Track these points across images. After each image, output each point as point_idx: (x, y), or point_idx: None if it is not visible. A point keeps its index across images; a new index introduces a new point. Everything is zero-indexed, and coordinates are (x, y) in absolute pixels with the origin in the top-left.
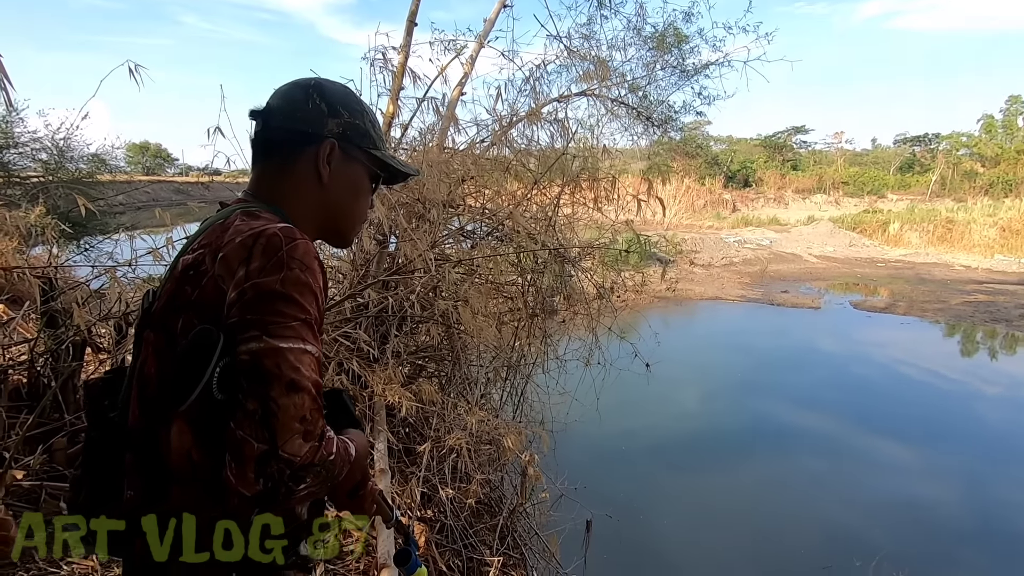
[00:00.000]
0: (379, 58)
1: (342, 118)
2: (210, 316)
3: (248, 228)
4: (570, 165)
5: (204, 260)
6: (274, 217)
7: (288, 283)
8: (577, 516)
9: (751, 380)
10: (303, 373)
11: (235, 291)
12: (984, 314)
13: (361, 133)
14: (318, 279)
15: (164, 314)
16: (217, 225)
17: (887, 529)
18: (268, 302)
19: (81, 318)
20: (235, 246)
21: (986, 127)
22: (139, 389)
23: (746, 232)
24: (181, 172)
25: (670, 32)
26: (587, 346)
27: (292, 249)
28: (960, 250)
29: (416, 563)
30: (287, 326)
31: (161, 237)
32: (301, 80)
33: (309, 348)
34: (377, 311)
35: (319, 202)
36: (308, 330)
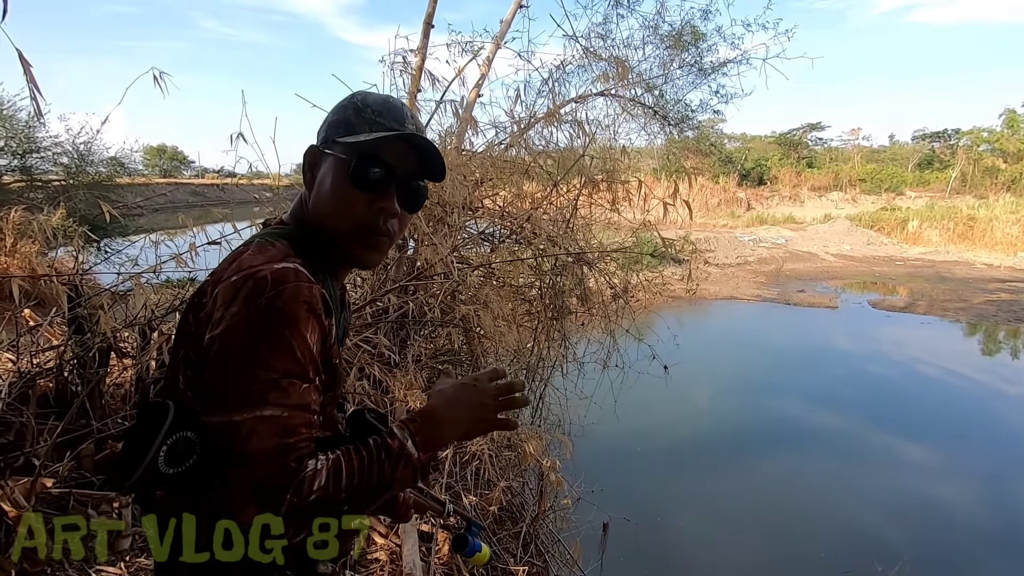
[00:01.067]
0: (398, 61)
1: (327, 121)
2: (200, 352)
3: (248, 265)
4: (589, 166)
5: (207, 291)
6: (282, 251)
7: (257, 338)
8: (594, 519)
9: (768, 380)
10: (253, 445)
11: (209, 338)
12: (1008, 313)
13: (336, 125)
14: (300, 326)
15: (177, 334)
16: (236, 252)
17: (909, 533)
18: (229, 367)
19: (107, 324)
20: (228, 285)
21: (1008, 122)
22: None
23: (761, 231)
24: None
25: (687, 30)
26: (605, 348)
27: (275, 296)
28: (982, 248)
29: (475, 546)
30: (246, 392)
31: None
32: None
33: (267, 412)
34: (397, 316)
35: (310, 216)
36: (272, 390)
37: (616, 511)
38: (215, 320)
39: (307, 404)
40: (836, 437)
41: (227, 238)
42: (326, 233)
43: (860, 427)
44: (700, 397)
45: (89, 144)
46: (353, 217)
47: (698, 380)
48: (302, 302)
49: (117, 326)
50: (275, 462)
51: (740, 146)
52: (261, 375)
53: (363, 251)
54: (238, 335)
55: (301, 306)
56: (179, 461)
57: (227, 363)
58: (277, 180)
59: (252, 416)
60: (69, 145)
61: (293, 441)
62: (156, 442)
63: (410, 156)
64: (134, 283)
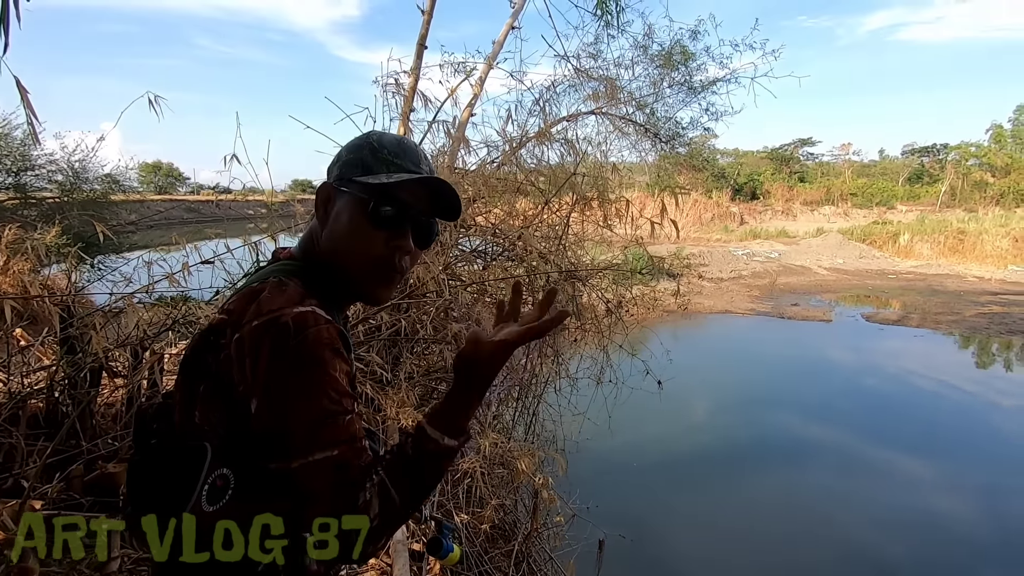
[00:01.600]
0: (391, 83)
1: (341, 160)
2: (223, 393)
3: (267, 309)
4: (580, 184)
5: (225, 332)
6: (297, 291)
7: (292, 387)
8: (590, 536)
9: (763, 394)
10: (313, 487)
11: (243, 390)
12: (999, 326)
13: (353, 165)
14: (328, 367)
15: (187, 368)
16: (250, 291)
17: (907, 547)
18: (273, 418)
19: (99, 344)
20: (250, 331)
21: (995, 137)
22: (167, 430)
23: (754, 245)
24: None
25: (677, 50)
26: (598, 364)
27: (300, 344)
28: (972, 261)
29: (448, 547)
30: (295, 440)
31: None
32: None
33: (318, 456)
34: (390, 334)
35: (323, 252)
36: (319, 432)
37: (612, 528)
38: (246, 372)
39: (354, 435)
40: (832, 451)
41: (220, 257)
42: (340, 269)
43: (856, 441)
44: (696, 412)
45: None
46: (370, 255)
47: (693, 394)
48: (324, 345)
49: (109, 346)
50: (334, 502)
51: (732, 161)
52: (305, 420)
53: (377, 287)
54: (275, 386)
55: (325, 349)
56: (218, 498)
57: (271, 415)
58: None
59: (306, 461)
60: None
61: (347, 476)
62: (198, 485)
63: (425, 196)
64: (126, 303)
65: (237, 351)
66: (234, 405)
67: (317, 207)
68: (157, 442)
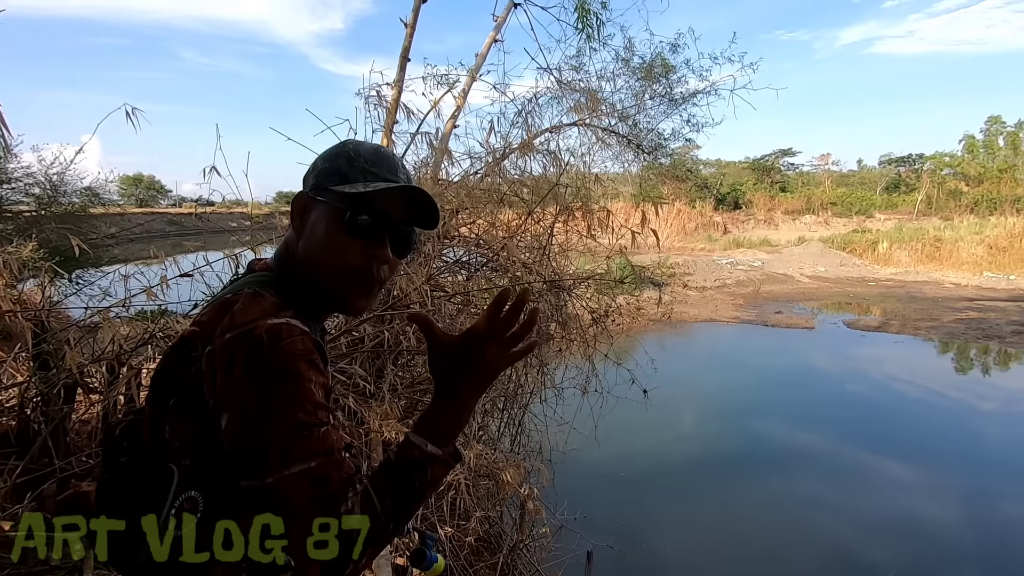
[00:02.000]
0: (373, 95)
1: (317, 168)
2: (194, 407)
3: (241, 321)
4: (563, 194)
5: (197, 344)
6: (272, 302)
7: (266, 400)
8: (578, 547)
9: (748, 402)
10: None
11: (214, 404)
12: (976, 331)
13: (329, 173)
14: (303, 380)
15: (158, 382)
16: (223, 302)
17: (892, 550)
18: (247, 433)
19: (73, 360)
20: (222, 344)
21: (968, 147)
22: (135, 447)
23: (738, 254)
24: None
25: (658, 62)
26: (584, 373)
27: (274, 356)
28: (949, 268)
29: (432, 558)
30: (270, 454)
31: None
32: None
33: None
34: (373, 345)
35: (299, 262)
36: (294, 445)
37: (600, 538)
38: (217, 386)
39: (331, 447)
40: (818, 457)
41: (200, 270)
42: (317, 279)
43: (841, 447)
44: (682, 420)
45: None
46: (347, 264)
47: (679, 403)
48: (299, 356)
49: (84, 361)
50: (313, 516)
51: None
52: (280, 434)
53: (355, 297)
54: (247, 401)
55: (300, 361)
56: None
57: (243, 430)
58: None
59: (281, 476)
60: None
61: (326, 490)
62: (164, 510)
63: (402, 205)
64: (102, 317)
65: (208, 364)
66: (205, 420)
67: (293, 217)
68: (127, 460)
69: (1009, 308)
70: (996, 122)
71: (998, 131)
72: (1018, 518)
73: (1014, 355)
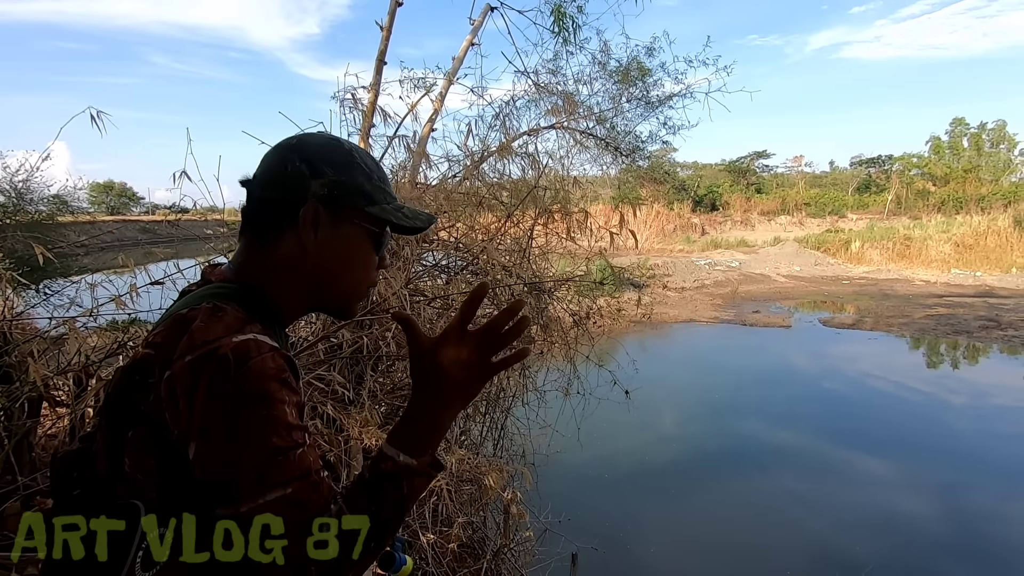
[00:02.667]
0: (348, 97)
1: (326, 177)
2: (156, 438)
3: (202, 340)
4: (542, 197)
5: (153, 370)
6: (235, 316)
7: (236, 426)
8: (563, 550)
9: (729, 400)
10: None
11: (179, 434)
12: (946, 327)
13: (351, 190)
14: (275, 401)
15: (112, 411)
16: (178, 318)
17: (870, 544)
18: (218, 462)
19: (37, 373)
20: (182, 368)
21: (934, 148)
22: (89, 479)
23: (716, 254)
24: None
25: (634, 66)
26: (565, 376)
27: (242, 378)
28: (919, 266)
29: (401, 560)
30: (244, 482)
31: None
32: (283, 141)
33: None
34: (351, 351)
35: (308, 275)
36: (269, 471)
37: (584, 540)
38: (181, 414)
39: (307, 470)
40: (797, 454)
41: (171, 277)
42: (327, 291)
43: (819, 443)
44: (664, 421)
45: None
46: (366, 278)
47: (661, 404)
48: (269, 377)
49: (49, 374)
50: (293, 543)
51: (692, 174)
52: (252, 461)
53: (356, 305)
54: (216, 428)
55: (270, 381)
56: (153, 563)
57: (215, 458)
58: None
59: (256, 504)
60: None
61: (304, 515)
62: (131, 551)
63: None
64: (68, 327)
65: (168, 391)
66: (168, 451)
67: (304, 227)
68: (80, 492)
69: (976, 304)
70: (960, 124)
71: (962, 132)
72: (990, 509)
73: (982, 349)
